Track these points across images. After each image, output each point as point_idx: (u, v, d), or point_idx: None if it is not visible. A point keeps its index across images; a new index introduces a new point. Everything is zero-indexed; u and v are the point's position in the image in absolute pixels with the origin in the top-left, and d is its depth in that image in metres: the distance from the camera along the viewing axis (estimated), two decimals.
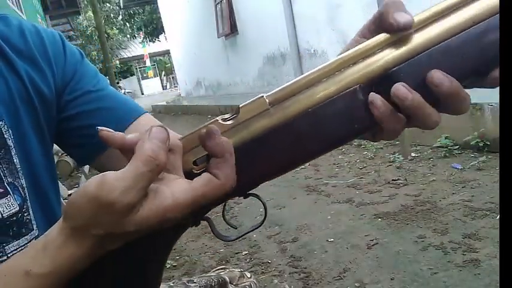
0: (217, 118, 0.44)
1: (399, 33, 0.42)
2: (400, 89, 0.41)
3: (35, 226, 0.59)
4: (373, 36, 0.43)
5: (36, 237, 0.58)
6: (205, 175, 0.40)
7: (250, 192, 0.46)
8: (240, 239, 0.49)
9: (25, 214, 0.57)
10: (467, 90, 0.42)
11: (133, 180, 0.37)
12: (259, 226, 0.48)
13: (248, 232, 0.48)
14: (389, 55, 0.42)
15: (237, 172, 0.42)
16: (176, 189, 0.39)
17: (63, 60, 0.64)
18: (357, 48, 0.43)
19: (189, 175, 0.42)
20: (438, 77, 0.40)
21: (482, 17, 0.41)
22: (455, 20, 0.41)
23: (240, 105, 0.43)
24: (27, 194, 0.58)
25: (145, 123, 0.67)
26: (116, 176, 0.38)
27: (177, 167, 0.42)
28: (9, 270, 0.41)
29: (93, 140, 0.64)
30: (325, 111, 0.42)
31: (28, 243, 0.57)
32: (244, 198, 0.47)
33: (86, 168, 4.58)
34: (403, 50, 0.42)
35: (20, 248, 0.56)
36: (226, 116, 0.44)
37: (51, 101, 0.63)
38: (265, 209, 0.47)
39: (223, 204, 0.47)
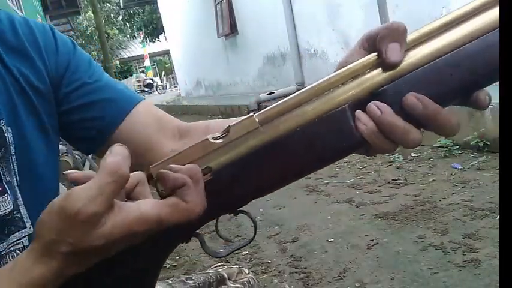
0: (207, 137, 0.44)
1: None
2: (371, 107, 0.42)
3: (28, 224, 0.58)
4: (370, 49, 0.44)
5: (29, 235, 0.58)
6: (172, 198, 0.40)
7: (240, 209, 0.47)
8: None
9: (14, 212, 0.57)
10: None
11: (97, 189, 0.37)
12: (249, 243, 0.49)
13: (237, 248, 0.49)
14: (377, 76, 0.43)
15: (227, 189, 0.43)
16: (143, 204, 0.39)
17: (55, 51, 0.64)
18: (346, 68, 0.43)
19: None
20: (411, 100, 0.41)
21: (470, 38, 0.41)
22: (445, 40, 0.41)
23: (231, 125, 0.44)
24: (17, 191, 0.57)
25: (144, 110, 0.68)
26: (81, 188, 0.38)
27: (146, 196, 0.42)
28: None
29: (93, 132, 0.65)
30: (314, 130, 0.43)
31: (18, 240, 0.57)
32: (234, 215, 0.47)
33: (86, 167, 4.58)
34: (391, 72, 0.42)
35: (10, 246, 0.56)
36: (217, 134, 0.44)
37: (47, 94, 0.62)
38: (255, 226, 0.48)
39: (216, 220, 0.47)
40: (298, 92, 0.44)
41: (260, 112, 0.44)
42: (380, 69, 0.43)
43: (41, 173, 0.61)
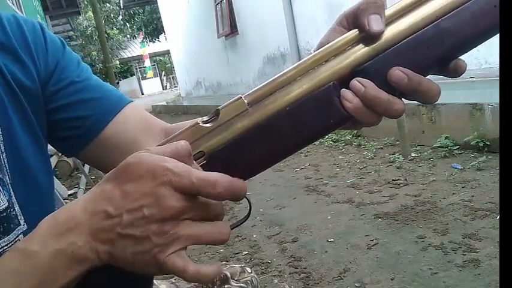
0: (197, 120, 0.45)
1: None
2: (354, 83, 0.44)
3: (22, 221, 0.58)
4: (349, 27, 0.46)
5: (24, 232, 0.58)
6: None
7: None
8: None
9: (10, 209, 0.57)
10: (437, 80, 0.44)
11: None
12: (245, 220, 0.49)
13: (235, 226, 0.49)
14: (358, 52, 0.44)
15: (221, 171, 0.43)
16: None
17: (44, 50, 0.63)
18: (329, 45, 0.45)
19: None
20: (396, 75, 0.43)
21: (445, 10, 0.43)
22: (420, 14, 0.43)
23: (220, 107, 0.45)
24: (10, 189, 0.57)
25: (131, 113, 0.67)
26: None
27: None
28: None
29: (79, 131, 0.64)
30: (302, 109, 0.44)
31: (16, 238, 0.57)
32: None
33: (86, 168, 4.58)
34: (371, 47, 0.44)
35: (11, 244, 0.56)
36: (206, 118, 0.45)
37: (36, 93, 0.62)
38: (250, 204, 0.48)
39: None
40: (284, 71, 0.45)
41: (248, 93, 0.45)
42: (361, 44, 0.44)
43: (32, 171, 0.60)
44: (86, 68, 0.68)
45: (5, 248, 0.55)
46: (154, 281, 0.79)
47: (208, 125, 0.44)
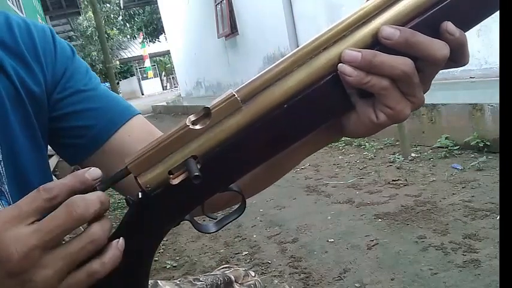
0: (186, 123, 0.41)
1: None
2: (346, 52, 0.40)
3: None
4: None
5: None
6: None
7: (230, 187, 0.45)
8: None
9: None
10: None
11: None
12: (238, 217, 0.46)
13: (226, 224, 0.46)
14: (358, 36, 0.41)
15: (216, 173, 0.42)
16: None
17: (53, 57, 0.62)
18: (327, 30, 0.41)
19: (169, 187, 0.42)
20: (386, 30, 0.40)
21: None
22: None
23: (211, 106, 0.41)
24: (9, 197, 0.56)
25: (137, 125, 0.65)
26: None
27: None
28: None
29: (82, 140, 0.63)
30: (299, 105, 0.41)
31: None
32: (223, 192, 0.45)
33: None
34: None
35: None
36: (193, 117, 0.41)
37: (42, 99, 0.61)
38: (243, 199, 0.46)
39: (202, 205, 0.45)
40: (279, 61, 0.42)
41: (240, 88, 0.42)
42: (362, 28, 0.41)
43: (30, 180, 0.59)
44: (94, 76, 0.66)
45: None
46: (159, 282, 0.79)
47: (198, 126, 0.41)
